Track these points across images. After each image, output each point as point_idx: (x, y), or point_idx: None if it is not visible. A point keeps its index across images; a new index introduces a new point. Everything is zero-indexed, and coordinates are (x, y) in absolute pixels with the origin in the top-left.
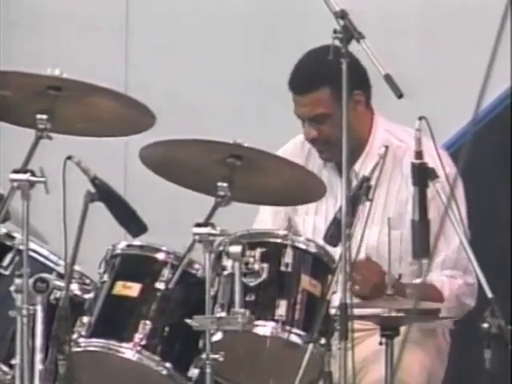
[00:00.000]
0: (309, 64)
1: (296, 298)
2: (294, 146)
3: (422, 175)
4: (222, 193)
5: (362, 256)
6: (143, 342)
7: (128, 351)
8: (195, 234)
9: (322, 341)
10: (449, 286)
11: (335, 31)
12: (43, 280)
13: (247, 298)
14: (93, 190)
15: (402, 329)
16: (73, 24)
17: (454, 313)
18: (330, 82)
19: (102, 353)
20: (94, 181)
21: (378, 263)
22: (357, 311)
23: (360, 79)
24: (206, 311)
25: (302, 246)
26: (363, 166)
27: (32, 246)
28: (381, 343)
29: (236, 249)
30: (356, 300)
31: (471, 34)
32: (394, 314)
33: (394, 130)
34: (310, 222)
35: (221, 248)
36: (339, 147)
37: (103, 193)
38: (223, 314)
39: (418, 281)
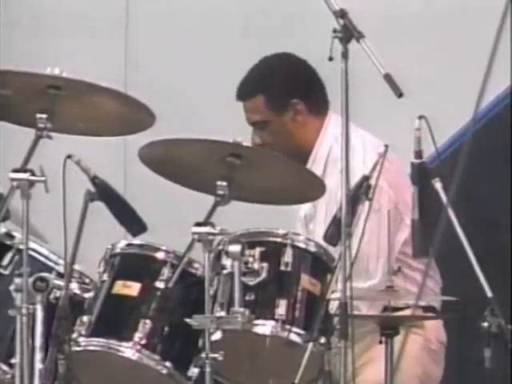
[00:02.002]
0: (251, 71)
1: (296, 297)
2: None
3: (422, 175)
4: (221, 192)
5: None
6: (143, 341)
7: (128, 350)
8: (195, 234)
9: (322, 340)
10: None
11: (335, 30)
12: (43, 279)
13: (247, 297)
14: (92, 189)
15: (400, 338)
16: (73, 23)
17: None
18: (266, 90)
19: (101, 352)
20: (94, 180)
21: None
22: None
23: (298, 88)
24: (206, 310)
25: (302, 245)
26: None
27: (32, 245)
28: (380, 342)
29: (235, 248)
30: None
31: (471, 34)
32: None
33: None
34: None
35: (220, 247)
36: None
37: (103, 192)
38: (223, 314)
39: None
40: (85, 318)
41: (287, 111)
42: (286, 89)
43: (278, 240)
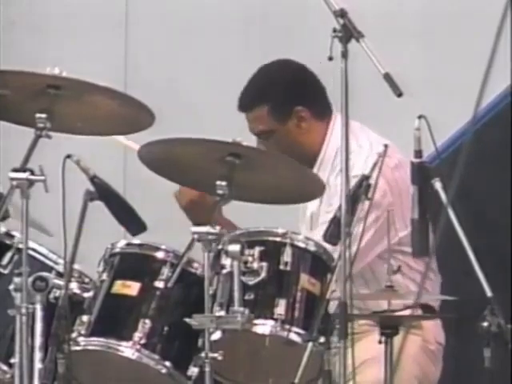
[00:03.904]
0: (251, 82)
1: (295, 297)
2: None
3: (422, 174)
4: (220, 191)
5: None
6: (143, 341)
7: (127, 350)
8: (194, 233)
9: (322, 339)
10: None
11: (335, 30)
12: (42, 279)
13: (246, 297)
14: (92, 188)
15: (398, 340)
16: (73, 24)
17: None
18: (268, 100)
19: (101, 351)
20: (94, 180)
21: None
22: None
23: (300, 95)
24: (206, 310)
25: (301, 245)
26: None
27: (31, 244)
28: (380, 342)
29: (235, 247)
30: None
31: (471, 34)
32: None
33: (350, 140)
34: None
35: (220, 247)
36: None
37: (102, 192)
38: (222, 313)
39: None
40: (84, 318)
41: (291, 119)
42: (288, 97)
43: (278, 239)
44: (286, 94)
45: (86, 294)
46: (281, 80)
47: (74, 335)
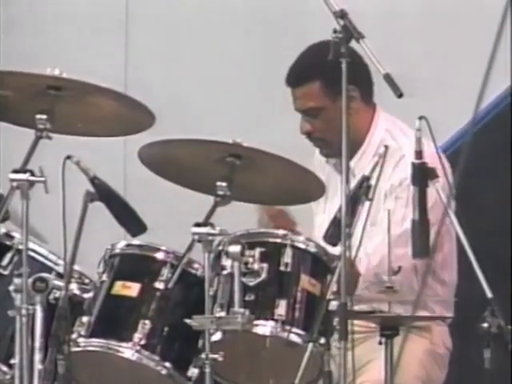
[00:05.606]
0: (303, 57)
1: (295, 298)
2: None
3: (422, 175)
4: (221, 192)
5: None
6: (143, 342)
7: (127, 351)
8: (194, 234)
9: (322, 340)
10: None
11: (335, 31)
12: (42, 280)
13: (247, 298)
14: (92, 189)
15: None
16: (73, 24)
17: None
18: (322, 76)
19: (101, 352)
20: (94, 180)
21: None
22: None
23: (353, 74)
24: (206, 311)
25: (302, 246)
26: (359, 164)
27: (31, 245)
28: (380, 343)
29: (235, 248)
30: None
31: (471, 34)
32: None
33: (394, 131)
34: (318, 222)
35: (220, 248)
36: (335, 143)
37: (103, 192)
38: (223, 314)
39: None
40: (84, 319)
41: (342, 97)
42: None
43: (278, 240)
44: (340, 71)
45: (85, 295)
46: None
47: (73, 336)
